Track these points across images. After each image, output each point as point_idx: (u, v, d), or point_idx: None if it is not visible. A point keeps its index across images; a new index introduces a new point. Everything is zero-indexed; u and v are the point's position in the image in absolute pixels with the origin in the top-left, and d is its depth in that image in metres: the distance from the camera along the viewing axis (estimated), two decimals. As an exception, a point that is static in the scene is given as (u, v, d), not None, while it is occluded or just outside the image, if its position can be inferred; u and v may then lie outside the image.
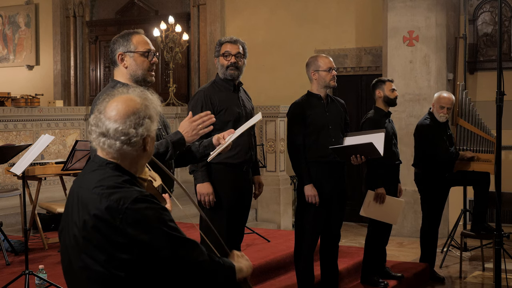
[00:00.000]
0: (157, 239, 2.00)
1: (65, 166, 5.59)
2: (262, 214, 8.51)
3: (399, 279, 5.77)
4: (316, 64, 4.76)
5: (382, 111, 5.66)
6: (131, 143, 2.07)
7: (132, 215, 1.98)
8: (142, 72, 3.22)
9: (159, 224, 2.01)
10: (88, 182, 2.08)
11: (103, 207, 2.00)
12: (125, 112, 2.07)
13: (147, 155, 2.15)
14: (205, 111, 4.27)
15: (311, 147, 4.70)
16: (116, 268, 2.00)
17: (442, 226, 7.59)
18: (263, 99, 9.19)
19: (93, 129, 2.09)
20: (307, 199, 4.65)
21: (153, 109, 2.13)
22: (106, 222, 1.99)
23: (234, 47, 4.39)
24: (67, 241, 2.12)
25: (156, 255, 2.01)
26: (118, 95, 2.12)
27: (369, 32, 9.30)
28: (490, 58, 8.42)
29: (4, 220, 6.56)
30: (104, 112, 2.08)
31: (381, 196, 5.37)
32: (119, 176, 2.07)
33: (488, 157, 6.36)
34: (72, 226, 2.08)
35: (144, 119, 2.09)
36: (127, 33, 3.26)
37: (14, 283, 4.62)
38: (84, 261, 2.04)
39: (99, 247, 2.00)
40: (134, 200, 2.00)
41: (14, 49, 11.98)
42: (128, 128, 2.06)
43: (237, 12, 10.23)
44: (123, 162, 2.10)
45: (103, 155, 2.11)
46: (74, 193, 2.13)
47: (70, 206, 2.12)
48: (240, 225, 4.54)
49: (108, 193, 2.01)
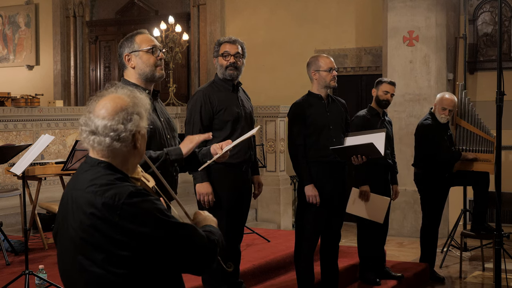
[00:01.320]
0: (157, 229, 2.01)
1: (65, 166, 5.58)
2: (262, 214, 8.51)
3: (399, 279, 5.77)
4: (317, 64, 4.75)
5: (374, 110, 5.69)
6: (120, 138, 2.08)
7: (129, 210, 1.99)
8: (150, 68, 3.25)
9: (157, 214, 2.02)
10: (81, 182, 2.09)
11: (99, 204, 2.00)
12: (114, 109, 2.08)
13: (139, 153, 2.16)
14: (204, 111, 4.32)
15: (312, 147, 4.70)
16: (115, 266, 2.00)
17: (442, 226, 7.59)
18: (263, 99, 9.19)
19: (83, 128, 2.11)
20: (308, 199, 4.65)
21: (142, 106, 2.15)
22: (104, 219, 1.99)
23: (233, 47, 4.39)
24: (63, 244, 2.12)
25: (158, 246, 2.01)
26: (106, 95, 2.14)
27: (369, 32, 9.30)
28: (490, 58, 8.42)
29: (4, 220, 6.56)
30: (93, 111, 2.10)
31: (365, 193, 5.38)
32: (111, 174, 2.08)
33: (487, 157, 6.36)
34: (68, 229, 2.08)
35: (133, 115, 2.10)
36: (131, 35, 3.31)
37: (14, 283, 4.61)
38: (80, 263, 2.03)
39: (97, 246, 2.00)
40: (129, 194, 2.01)
41: (14, 49, 11.99)
42: (117, 124, 2.07)
43: (237, 12, 10.23)
44: (114, 160, 2.11)
45: (94, 155, 2.12)
46: (68, 196, 2.12)
47: (65, 209, 2.12)
48: (240, 225, 4.54)
49: (102, 190, 2.02)
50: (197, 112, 4.32)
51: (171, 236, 2.03)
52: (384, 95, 5.66)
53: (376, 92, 5.70)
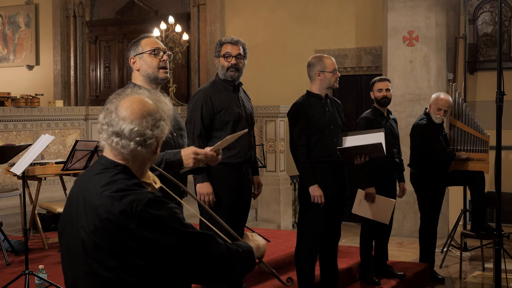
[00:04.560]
0: (175, 239, 1.95)
1: (65, 166, 5.58)
2: (262, 214, 8.51)
3: (401, 278, 5.79)
4: (322, 64, 4.74)
5: (378, 111, 5.71)
6: (146, 144, 2.02)
7: (147, 217, 1.93)
8: (153, 70, 3.28)
9: (175, 224, 1.96)
10: (95, 184, 2.01)
11: (117, 210, 1.93)
12: (141, 112, 2.02)
13: (155, 158, 2.11)
14: (205, 111, 4.32)
15: (315, 147, 4.69)
16: (127, 274, 1.94)
17: (442, 226, 7.59)
18: (263, 99, 9.18)
19: (104, 128, 2.03)
20: (313, 200, 4.64)
21: (166, 111, 2.09)
22: (120, 226, 1.92)
23: (234, 48, 4.37)
24: (70, 245, 2.05)
25: (174, 255, 1.95)
26: (129, 95, 2.07)
27: (369, 32, 9.30)
28: (490, 58, 8.42)
29: (4, 220, 6.55)
30: (116, 112, 2.02)
31: (371, 195, 5.39)
32: (128, 179, 2.01)
33: (482, 156, 6.38)
34: (78, 230, 2.01)
35: (160, 121, 2.05)
36: (137, 39, 3.37)
37: (14, 283, 4.61)
38: (91, 267, 1.97)
39: (111, 252, 1.94)
40: (148, 202, 1.94)
41: (14, 49, 11.98)
42: (145, 129, 2.01)
43: (237, 12, 10.23)
44: (132, 164, 2.05)
45: (111, 156, 2.05)
46: (78, 195, 2.05)
47: (74, 208, 2.04)
48: (240, 225, 4.54)
49: (119, 195, 1.95)
50: (198, 112, 4.32)
51: (187, 246, 1.97)
52: (379, 93, 5.68)
53: (373, 93, 5.73)
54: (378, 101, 5.68)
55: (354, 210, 5.46)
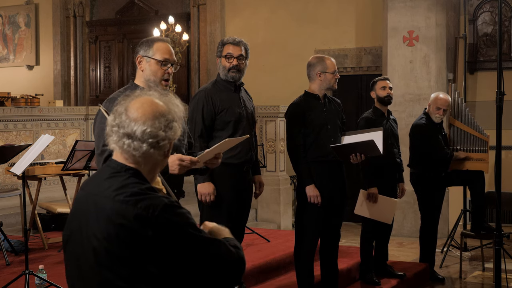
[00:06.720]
0: (190, 244, 1.91)
1: (65, 166, 5.59)
2: (262, 214, 8.51)
3: (401, 278, 5.79)
4: (323, 65, 4.73)
5: (379, 111, 5.69)
6: (159, 146, 1.97)
7: (164, 223, 1.87)
8: (155, 79, 3.25)
9: (190, 229, 1.92)
10: (105, 189, 1.94)
11: (131, 216, 1.86)
12: (153, 113, 1.96)
13: (165, 162, 2.05)
14: (206, 111, 4.32)
15: (311, 147, 4.69)
16: (142, 282, 1.88)
17: (442, 226, 7.59)
18: (263, 99, 9.18)
19: (114, 130, 1.97)
20: (309, 200, 4.64)
21: (178, 113, 2.03)
22: (135, 232, 1.86)
23: (236, 49, 4.35)
24: (79, 254, 1.97)
25: (188, 261, 1.92)
26: (139, 96, 2.01)
27: (369, 32, 9.30)
28: (490, 58, 8.42)
29: (4, 220, 6.56)
30: (127, 113, 1.96)
31: (373, 196, 5.39)
32: (140, 183, 1.94)
33: (481, 156, 6.39)
34: (89, 237, 1.93)
35: (173, 123, 1.99)
36: (153, 39, 3.29)
37: (14, 283, 4.62)
38: (104, 276, 1.90)
39: (125, 259, 1.88)
40: (164, 207, 1.89)
41: (14, 49, 11.99)
42: (158, 131, 1.95)
43: (237, 12, 10.23)
44: (144, 167, 1.98)
45: (122, 159, 1.99)
46: (87, 201, 1.97)
47: (83, 215, 1.97)
48: (240, 225, 4.54)
49: (134, 200, 1.88)
50: (199, 111, 4.32)
51: (202, 252, 1.93)
52: (383, 91, 5.65)
53: (375, 92, 5.70)
54: (381, 99, 5.66)
55: (356, 210, 5.46)
